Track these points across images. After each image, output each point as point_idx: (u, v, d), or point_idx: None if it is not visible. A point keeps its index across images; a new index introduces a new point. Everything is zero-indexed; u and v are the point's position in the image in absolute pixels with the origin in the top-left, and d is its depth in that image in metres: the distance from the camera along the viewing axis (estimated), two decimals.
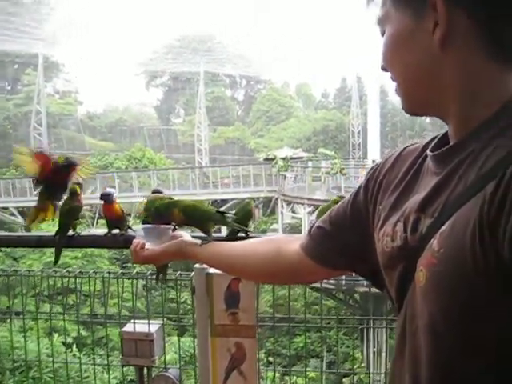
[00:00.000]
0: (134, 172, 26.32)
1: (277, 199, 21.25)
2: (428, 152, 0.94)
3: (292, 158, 23.89)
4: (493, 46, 0.81)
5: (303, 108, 47.41)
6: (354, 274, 1.25)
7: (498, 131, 0.80)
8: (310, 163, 24.23)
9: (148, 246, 1.36)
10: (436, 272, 0.78)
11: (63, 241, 2.05)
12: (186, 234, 1.38)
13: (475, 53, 0.82)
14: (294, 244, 1.22)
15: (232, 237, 1.81)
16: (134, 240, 1.39)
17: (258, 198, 22.96)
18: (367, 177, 1.10)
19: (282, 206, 20.53)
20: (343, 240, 1.12)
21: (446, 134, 0.94)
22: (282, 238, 1.32)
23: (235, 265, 1.32)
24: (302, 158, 26.38)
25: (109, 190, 2.10)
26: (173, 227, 1.43)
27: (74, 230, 2.06)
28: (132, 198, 22.09)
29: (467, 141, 0.85)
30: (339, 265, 1.16)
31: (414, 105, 0.94)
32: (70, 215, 2.05)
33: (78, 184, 2.05)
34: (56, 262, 2.08)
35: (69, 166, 1.97)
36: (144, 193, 23.64)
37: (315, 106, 46.18)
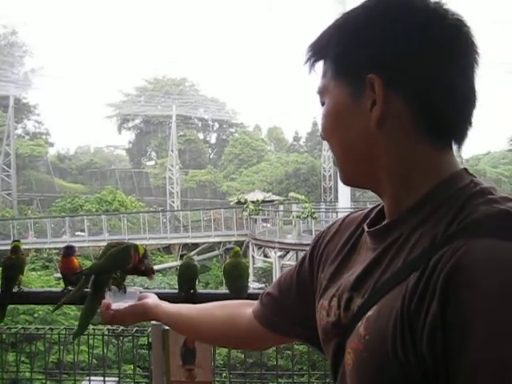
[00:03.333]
0: (104, 215, 26.04)
1: (248, 243, 21.19)
2: (365, 227, 0.96)
3: (263, 202, 23.96)
4: (426, 128, 0.84)
5: (275, 151, 47.85)
6: None
7: (426, 215, 0.82)
8: (281, 207, 24.31)
9: (114, 306, 1.38)
10: (361, 358, 0.80)
11: (8, 297, 2.01)
12: (153, 296, 1.41)
13: (409, 134, 0.85)
14: (248, 309, 1.23)
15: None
16: (103, 301, 1.41)
17: (229, 242, 22.85)
18: (312, 245, 1.11)
19: (253, 250, 20.47)
20: (290, 308, 1.13)
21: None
22: (237, 303, 1.34)
23: (192, 328, 1.35)
24: (273, 201, 26.49)
25: (71, 243, 2.11)
26: (141, 288, 1.46)
27: (19, 286, 2.04)
28: (102, 242, 21.79)
29: (398, 222, 0.86)
30: (288, 332, 1.17)
31: (350, 179, 0.95)
32: (14, 270, 2.02)
33: (18, 240, 2.07)
34: (1, 319, 2.04)
35: None
36: (114, 236, 23.36)
37: (287, 150, 46.65)
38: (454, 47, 0.84)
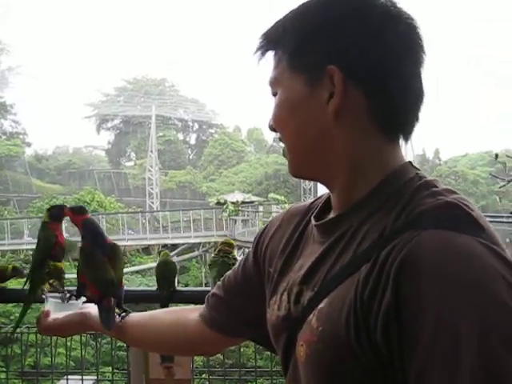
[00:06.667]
0: None
1: None
2: (312, 220, 0.97)
3: (243, 203, 23.97)
4: (380, 122, 0.86)
5: (255, 152, 47.88)
6: None
7: (374, 208, 0.84)
8: (260, 208, 24.34)
9: (54, 315, 1.33)
10: (315, 350, 0.80)
11: None
12: (95, 307, 1.35)
13: (363, 128, 0.86)
14: (195, 314, 1.21)
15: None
16: (43, 309, 1.36)
17: (209, 243, 22.82)
18: (255, 242, 1.11)
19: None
20: (236, 307, 1.13)
21: (329, 197, 0.96)
22: (184, 308, 1.31)
23: (136, 337, 1.31)
24: (253, 202, 26.50)
25: None
26: (83, 299, 1.41)
27: None
28: (80, 243, 21.51)
29: (348, 215, 0.87)
30: (236, 332, 1.16)
31: (300, 170, 0.95)
32: None
33: None
34: None
35: None
36: None
37: (267, 151, 46.69)
38: (409, 45, 0.87)
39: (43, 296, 1.47)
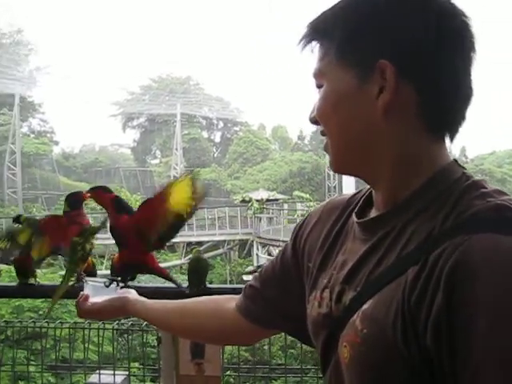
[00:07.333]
0: None
1: (252, 241, 21.19)
2: (354, 217, 0.95)
3: (268, 200, 23.98)
4: (429, 120, 0.84)
5: (279, 150, 47.80)
6: None
7: (420, 208, 0.82)
8: (285, 205, 24.34)
9: (93, 299, 1.35)
10: (359, 351, 0.79)
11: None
12: (133, 291, 1.37)
13: (412, 125, 0.84)
14: (231, 304, 1.20)
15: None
16: (81, 292, 1.38)
17: (233, 241, 22.90)
18: (293, 235, 1.09)
19: (258, 249, 20.49)
20: (273, 299, 1.11)
21: (370, 192, 0.95)
22: (221, 297, 1.30)
23: (174, 324, 1.30)
24: (277, 200, 26.49)
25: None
26: (122, 284, 1.43)
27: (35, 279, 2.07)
28: (107, 240, 21.79)
29: (394, 213, 0.85)
30: (272, 324, 1.15)
31: (343, 166, 0.93)
32: None
33: None
34: None
35: None
36: None
37: (291, 149, 46.57)
38: (463, 42, 0.84)
39: (82, 281, 1.50)
